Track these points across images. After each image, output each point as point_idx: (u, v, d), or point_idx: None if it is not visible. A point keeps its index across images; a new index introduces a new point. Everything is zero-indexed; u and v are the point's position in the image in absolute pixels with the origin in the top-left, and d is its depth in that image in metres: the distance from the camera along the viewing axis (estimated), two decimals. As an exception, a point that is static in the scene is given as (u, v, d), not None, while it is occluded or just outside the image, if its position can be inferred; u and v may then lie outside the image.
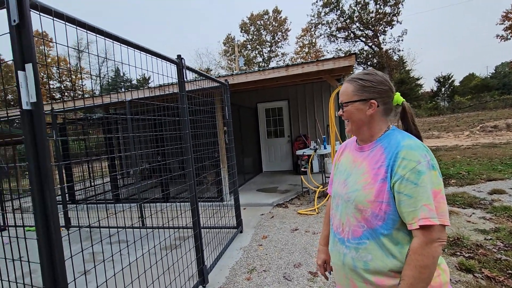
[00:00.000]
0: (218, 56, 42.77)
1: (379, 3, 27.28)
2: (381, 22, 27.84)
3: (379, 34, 28.61)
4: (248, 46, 35.23)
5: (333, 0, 28.13)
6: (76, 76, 28.38)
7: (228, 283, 2.71)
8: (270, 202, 5.28)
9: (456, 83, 36.48)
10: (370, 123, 1.07)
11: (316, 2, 29.01)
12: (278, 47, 35.25)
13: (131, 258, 2.32)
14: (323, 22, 29.89)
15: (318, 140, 6.49)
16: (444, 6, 59.31)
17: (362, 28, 29.25)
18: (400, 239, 0.94)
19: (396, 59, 29.13)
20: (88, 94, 24.16)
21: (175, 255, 2.71)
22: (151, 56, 2.11)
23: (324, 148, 5.63)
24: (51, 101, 6.68)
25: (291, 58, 34.61)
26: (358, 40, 30.08)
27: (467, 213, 4.00)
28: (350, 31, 29.67)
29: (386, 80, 1.07)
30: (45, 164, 1.20)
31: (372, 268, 0.97)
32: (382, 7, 27.40)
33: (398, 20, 27.38)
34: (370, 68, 5.10)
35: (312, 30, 31.46)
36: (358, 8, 28.10)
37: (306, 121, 8.26)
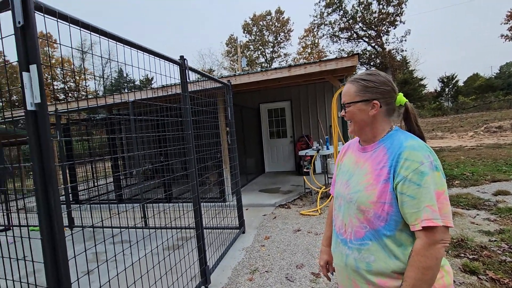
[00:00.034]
0: (220, 56, 43.00)
1: (382, 3, 27.12)
2: (384, 22, 27.70)
3: (382, 34, 28.48)
4: (251, 46, 35.27)
5: (335, 0, 28.03)
6: (80, 77, 28.56)
7: (230, 283, 2.71)
8: (272, 203, 5.27)
9: (460, 83, 36.28)
10: (372, 124, 1.06)
11: (319, 2, 28.97)
12: (281, 48, 35.27)
13: (134, 258, 2.32)
14: (325, 22, 29.80)
15: (321, 140, 6.48)
16: (446, 6, 59.40)
17: (365, 28, 29.13)
18: (403, 240, 0.94)
19: (399, 59, 28.97)
20: (92, 94, 24.30)
21: (178, 255, 2.72)
22: (154, 57, 2.12)
23: (327, 148, 5.63)
24: (55, 101, 6.74)
25: (294, 59, 34.61)
26: (361, 40, 29.96)
27: (471, 214, 3.97)
28: (353, 31, 29.56)
29: (388, 81, 1.07)
30: (49, 164, 1.20)
31: (375, 269, 0.96)
32: (385, 7, 27.25)
33: (401, 20, 27.25)
34: (373, 69, 5.08)
35: (314, 30, 31.38)
36: (361, 8, 27.96)
37: (309, 121, 8.24)
